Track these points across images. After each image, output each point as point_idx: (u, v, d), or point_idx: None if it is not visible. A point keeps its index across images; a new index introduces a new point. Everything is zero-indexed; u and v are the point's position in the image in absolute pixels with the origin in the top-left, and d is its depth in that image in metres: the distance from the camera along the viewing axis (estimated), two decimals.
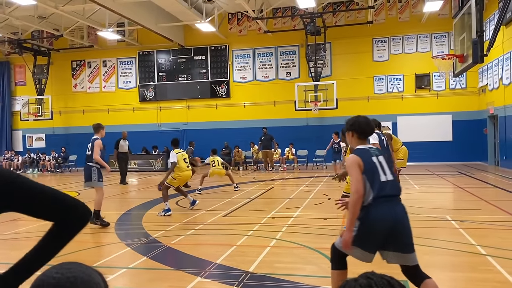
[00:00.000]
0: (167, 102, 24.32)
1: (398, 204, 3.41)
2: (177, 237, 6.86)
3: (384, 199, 3.33)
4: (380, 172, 3.40)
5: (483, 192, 10.98)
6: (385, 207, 3.32)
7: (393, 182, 3.41)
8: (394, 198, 3.41)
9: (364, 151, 3.52)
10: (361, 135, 3.62)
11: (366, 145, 3.61)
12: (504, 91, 16.95)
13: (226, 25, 23.36)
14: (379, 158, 3.48)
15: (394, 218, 3.33)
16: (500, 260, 5.10)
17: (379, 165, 3.44)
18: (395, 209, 3.36)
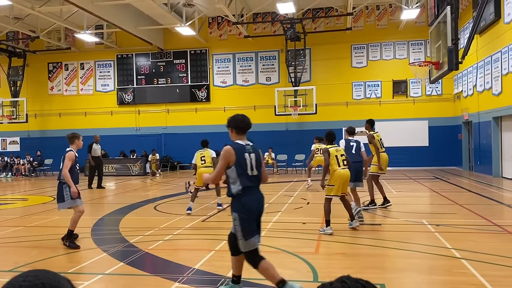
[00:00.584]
0: (146, 106, 24.08)
1: (260, 192, 4.22)
2: (154, 242, 6.76)
3: (250, 189, 4.09)
4: (248, 167, 4.10)
5: (458, 196, 11.21)
6: (252, 195, 4.12)
7: (256, 177, 4.15)
8: (256, 188, 4.18)
9: (240, 146, 4.17)
10: (238, 130, 4.27)
11: (244, 141, 4.23)
12: (478, 98, 17.40)
13: (206, 29, 23.32)
14: (251, 155, 4.15)
15: (260, 203, 4.16)
16: (474, 263, 5.20)
17: (249, 161, 4.11)
18: (258, 197, 4.16)
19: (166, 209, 10.10)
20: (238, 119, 4.32)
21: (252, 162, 4.12)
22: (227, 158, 4.09)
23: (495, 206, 9.84)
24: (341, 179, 7.11)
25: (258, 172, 4.19)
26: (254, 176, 4.14)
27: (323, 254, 5.91)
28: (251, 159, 4.12)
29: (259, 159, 4.25)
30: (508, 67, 14.29)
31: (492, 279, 4.62)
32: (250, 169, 4.11)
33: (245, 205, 4.08)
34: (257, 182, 4.20)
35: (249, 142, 4.27)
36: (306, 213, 9.26)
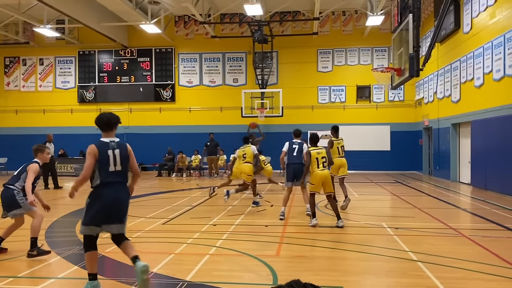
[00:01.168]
0: (107, 104, 23.45)
1: (120, 187, 4.48)
2: (112, 245, 6.49)
3: (108, 184, 4.37)
4: (111, 163, 4.37)
5: (417, 200, 11.51)
6: (109, 189, 4.37)
7: (119, 172, 4.43)
8: (117, 183, 4.44)
9: (104, 143, 4.45)
10: (102, 128, 4.55)
11: (109, 138, 4.50)
12: (438, 104, 17.98)
13: (172, 27, 23.01)
14: (115, 151, 4.42)
15: (115, 198, 4.39)
16: (430, 265, 5.32)
17: (112, 157, 4.39)
18: (115, 190, 4.41)
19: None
20: (102, 118, 4.59)
21: (115, 158, 4.42)
22: (92, 155, 4.37)
23: (452, 210, 10.15)
24: (320, 179, 7.86)
25: (123, 167, 4.48)
26: (117, 171, 4.43)
27: (284, 257, 5.89)
28: (114, 155, 4.41)
29: (125, 154, 4.51)
30: (466, 76, 14.83)
31: (446, 281, 4.72)
32: (113, 164, 4.40)
33: (98, 196, 4.40)
34: (119, 177, 4.45)
35: (114, 139, 4.53)
36: (269, 215, 9.24)
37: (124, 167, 4.50)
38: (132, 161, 4.61)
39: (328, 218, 8.76)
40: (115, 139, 4.54)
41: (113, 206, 4.43)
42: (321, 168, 7.88)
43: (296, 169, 8.74)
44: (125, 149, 4.53)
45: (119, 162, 4.44)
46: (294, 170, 8.76)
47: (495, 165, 12.60)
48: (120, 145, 4.51)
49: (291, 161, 8.82)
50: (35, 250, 5.85)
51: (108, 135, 4.55)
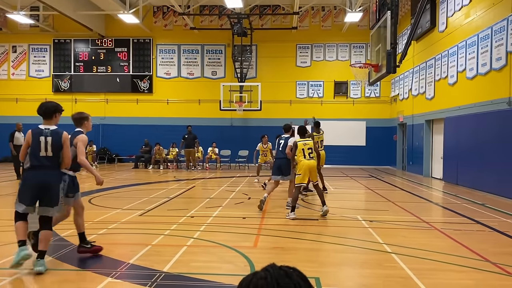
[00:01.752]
0: (83, 95, 23.02)
1: (45, 171, 4.80)
2: (88, 236, 6.44)
3: (36, 167, 4.78)
4: (42, 148, 4.78)
5: (391, 194, 11.76)
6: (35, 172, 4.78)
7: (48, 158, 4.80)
8: (43, 167, 4.80)
9: (38, 131, 4.85)
10: (42, 117, 4.96)
11: (45, 126, 4.89)
12: (413, 101, 18.35)
13: (151, 18, 22.69)
14: (47, 138, 4.81)
15: (41, 181, 4.75)
16: (403, 257, 5.46)
17: (43, 143, 4.78)
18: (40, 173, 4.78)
19: (102, 203, 9.72)
20: (40, 106, 5.00)
21: (47, 145, 4.80)
22: (26, 140, 4.88)
23: (424, 204, 10.42)
24: (307, 168, 8.06)
25: (54, 154, 4.84)
26: (47, 157, 4.81)
27: (261, 248, 5.95)
28: (46, 141, 4.80)
29: (57, 142, 4.85)
30: (440, 73, 15.17)
31: (418, 272, 4.87)
32: (44, 150, 4.80)
33: (26, 177, 4.88)
34: (48, 162, 4.81)
35: (50, 127, 4.89)
36: (247, 208, 9.28)
37: (54, 154, 4.85)
38: (65, 149, 4.91)
39: (305, 211, 8.87)
40: (51, 127, 4.91)
41: (38, 189, 4.78)
42: (308, 158, 8.15)
43: (281, 164, 9.00)
44: (58, 137, 4.86)
45: (50, 149, 4.82)
46: (279, 165, 9.04)
47: (466, 161, 12.98)
48: (55, 133, 4.88)
49: (277, 155, 9.24)
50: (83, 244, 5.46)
51: (46, 123, 4.95)
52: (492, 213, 8.89)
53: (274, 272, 1.09)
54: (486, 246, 6.13)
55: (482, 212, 9.02)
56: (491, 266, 5.14)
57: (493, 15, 11.43)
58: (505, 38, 10.71)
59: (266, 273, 1.08)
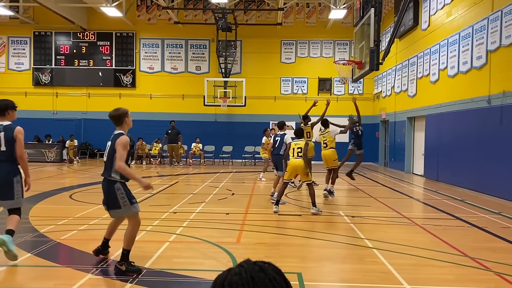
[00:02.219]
0: (64, 88, 22.62)
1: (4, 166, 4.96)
2: (68, 232, 6.38)
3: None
4: None
5: (372, 190, 11.88)
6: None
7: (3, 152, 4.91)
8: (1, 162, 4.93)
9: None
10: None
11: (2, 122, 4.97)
12: (395, 98, 18.54)
13: (134, 11, 22.39)
14: (0, 134, 4.92)
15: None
16: (384, 252, 5.53)
17: None
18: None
19: (83, 198, 9.59)
20: None
21: (0, 140, 4.94)
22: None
23: (406, 200, 10.56)
24: (292, 166, 8.35)
25: (7, 148, 4.95)
26: (1, 151, 4.95)
27: (244, 244, 5.95)
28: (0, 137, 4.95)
29: (9, 137, 4.95)
30: (422, 71, 15.36)
31: (399, 267, 4.93)
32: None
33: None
34: (3, 157, 4.95)
35: (3, 123, 4.99)
36: (230, 204, 9.27)
37: (8, 149, 4.98)
38: (18, 144, 4.99)
39: (289, 207, 8.90)
40: (4, 123, 5.00)
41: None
42: (295, 156, 8.35)
43: (276, 160, 9.69)
44: (11, 132, 4.96)
45: (3, 143, 4.96)
46: (275, 161, 9.76)
47: (446, 158, 13.19)
48: (7, 128, 4.98)
49: (273, 152, 9.83)
50: (125, 264, 4.65)
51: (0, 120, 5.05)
52: (471, 209, 9.06)
53: (248, 268, 1.08)
54: (465, 241, 6.24)
55: (461, 208, 9.19)
56: (470, 261, 5.24)
57: (474, 14, 11.61)
58: (486, 37, 10.90)
59: (240, 269, 1.08)
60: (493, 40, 10.54)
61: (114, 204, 4.74)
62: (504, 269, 4.93)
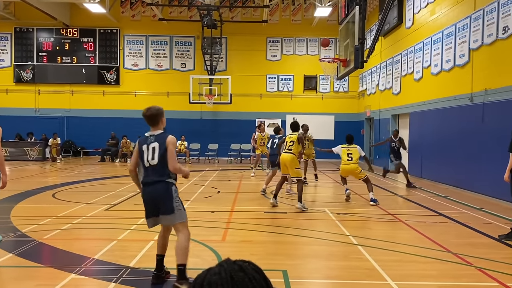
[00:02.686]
0: (47, 86, 22.26)
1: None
2: (51, 231, 6.28)
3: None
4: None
5: (357, 187, 11.96)
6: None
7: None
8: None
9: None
10: None
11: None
12: (380, 96, 18.70)
13: (118, 8, 22.11)
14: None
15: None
16: (369, 249, 5.57)
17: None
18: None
19: (66, 197, 9.45)
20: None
21: None
22: None
23: (390, 196, 10.67)
24: (281, 160, 8.72)
25: None
26: None
27: (230, 242, 5.93)
28: None
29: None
30: (407, 69, 15.51)
31: (383, 263, 4.97)
32: None
33: None
34: None
35: None
36: (216, 202, 9.24)
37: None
38: None
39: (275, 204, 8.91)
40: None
41: None
42: (285, 150, 8.69)
43: (274, 160, 10.27)
44: None
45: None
46: (273, 161, 10.42)
47: (430, 155, 13.35)
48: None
49: (271, 152, 10.46)
50: (185, 283, 4.12)
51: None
52: (454, 205, 9.19)
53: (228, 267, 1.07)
54: (448, 237, 6.32)
55: (444, 204, 9.31)
56: (452, 257, 5.31)
57: (457, 13, 11.75)
58: (468, 36, 11.05)
59: (220, 268, 1.07)
60: (476, 38, 10.69)
61: (167, 209, 4.25)
62: (486, 264, 5.01)
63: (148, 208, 4.32)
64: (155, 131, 4.42)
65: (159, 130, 4.47)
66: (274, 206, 8.50)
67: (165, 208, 4.24)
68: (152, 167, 4.25)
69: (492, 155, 9.74)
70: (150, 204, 4.30)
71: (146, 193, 4.30)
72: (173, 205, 4.27)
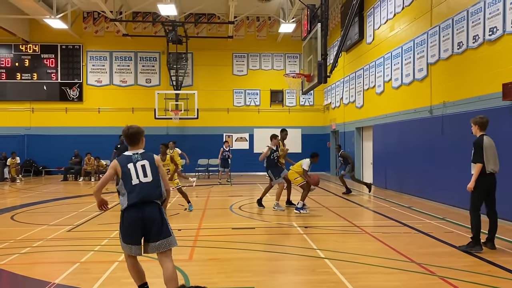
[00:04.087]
0: (6, 103, 21.51)
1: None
2: (8, 256, 6.01)
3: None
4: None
5: (325, 199, 12.10)
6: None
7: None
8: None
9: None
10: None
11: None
12: (344, 109, 19.09)
13: (80, 23, 21.76)
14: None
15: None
16: (336, 262, 5.62)
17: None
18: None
19: (26, 219, 9.09)
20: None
21: None
22: None
23: (356, 208, 10.83)
24: None
25: None
26: None
27: (197, 261, 5.85)
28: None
29: None
30: (369, 83, 15.94)
31: (350, 276, 5.02)
32: None
33: None
34: None
35: None
36: (183, 219, 9.11)
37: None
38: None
39: (243, 220, 8.86)
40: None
41: None
42: None
43: (278, 170, 11.01)
44: None
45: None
46: (277, 171, 10.92)
47: (393, 166, 13.69)
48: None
49: (269, 163, 10.91)
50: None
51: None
52: (417, 215, 9.42)
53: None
54: (412, 247, 6.47)
55: (408, 214, 9.53)
56: (416, 267, 5.43)
57: (415, 29, 12.22)
58: (426, 51, 11.49)
59: None
60: (433, 53, 11.13)
61: (166, 232, 4.00)
62: (448, 272, 5.15)
63: (134, 233, 3.92)
64: (137, 150, 4.22)
65: (140, 149, 4.26)
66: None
67: (161, 232, 3.95)
68: (144, 184, 3.98)
69: (452, 165, 10.09)
70: (138, 228, 3.92)
71: (135, 215, 3.89)
72: (169, 227, 4.05)
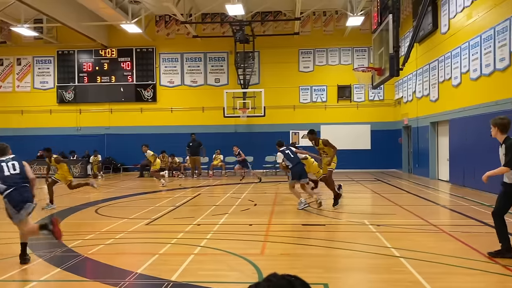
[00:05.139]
0: (88, 105, 23.16)
1: None
2: (95, 246, 6.48)
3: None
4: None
5: (397, 197, 11.69)
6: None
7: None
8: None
9: None
10: None
11: None
12: (417, 103, 18.29)
13: (153, 27, 22.83)
14: None
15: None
16: (412, 261, 5.42)
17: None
18: None
19: (108, 213, 9.74)
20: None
21: None
22: None
23: (431, 206, 10.35)
24: None
25: None
26: None
27: (269, 255, 5.93)
28: None
29: None
30: (444, 75, 15.13)
31: (427, 276, 4.83)
32: None
33: None
34: None
35: None
36: (253, 215, 9.26)
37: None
38: None
39: (312, 216, 8.84)
40: None
41: None
42: None
43: (301, 167, 10.20)
44: None
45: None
46: (301, 169, 10.12)
47: (472, 163, 12.88)
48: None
49: (295, 162, 9.89)
50: None
51: None
52: None
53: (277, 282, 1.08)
54: (495, 248, 6.06)
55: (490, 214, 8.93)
56: (500, 268, 5.09)
57: (496, 16, 11.40)
58: (508, 38, 10.68)
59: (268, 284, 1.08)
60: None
61: None
62: None
63: None
64: None
65: None
66: None
67: None
68: None
69: None
70: None
71: None
72: None
